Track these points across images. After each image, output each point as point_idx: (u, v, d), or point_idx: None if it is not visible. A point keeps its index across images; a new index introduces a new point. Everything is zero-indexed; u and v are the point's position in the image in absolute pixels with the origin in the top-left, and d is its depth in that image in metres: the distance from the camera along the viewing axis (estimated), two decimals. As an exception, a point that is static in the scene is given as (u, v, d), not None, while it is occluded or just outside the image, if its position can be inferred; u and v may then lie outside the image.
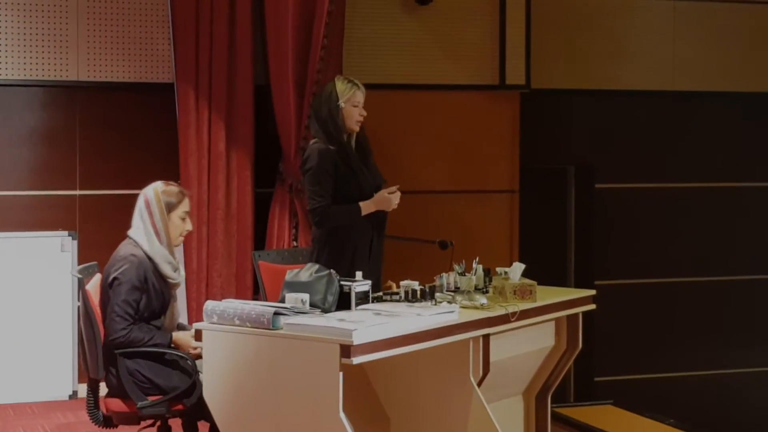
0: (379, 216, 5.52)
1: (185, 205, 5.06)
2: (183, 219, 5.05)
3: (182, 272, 5.08)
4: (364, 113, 5.51)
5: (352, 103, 5.45)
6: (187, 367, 4.82)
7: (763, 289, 8.97)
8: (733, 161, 8.92)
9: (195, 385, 4.74)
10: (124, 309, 4.81)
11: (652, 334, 8.70)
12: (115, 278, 4.82)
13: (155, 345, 4.84)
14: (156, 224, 4.96)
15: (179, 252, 6.89)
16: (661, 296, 8.74)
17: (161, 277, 4.94)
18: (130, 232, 4.98)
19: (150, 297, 4.89)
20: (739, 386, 8.74)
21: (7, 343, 6.93)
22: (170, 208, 5.00)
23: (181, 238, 5.10)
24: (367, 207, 5.41)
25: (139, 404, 4.77)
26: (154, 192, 5.00)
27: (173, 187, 5.06)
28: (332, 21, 7.01)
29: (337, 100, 5.44)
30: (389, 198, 5.46)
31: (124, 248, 4.94)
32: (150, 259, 4.90)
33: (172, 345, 4.93)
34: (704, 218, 8.86)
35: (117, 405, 4.86)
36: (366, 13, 7.60)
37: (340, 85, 5.48)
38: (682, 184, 8.83)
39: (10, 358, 6.93)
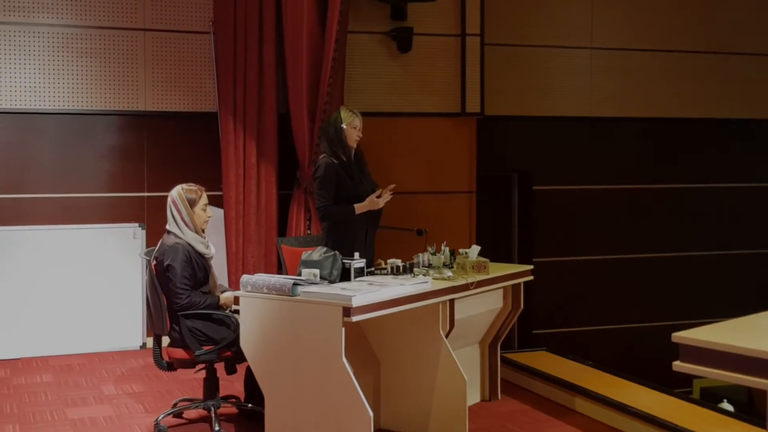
0: (374, 213, 5.51)
1: (204, 199, 4.97)
2: (204, 209, 4.96)
3: (212, 248, 5.01)
4: (361, 134, 5.50)
5: (351, 125, 5.45)
6: (231, 323, 4.82)
7: (658, 264, 8.99)
8: (635, 169, 8.94)
9: (238, 337, 4.74)
10: (182, 282, 4.79)
11: (575, 298, 8.70)
12: (169, 264, 4.79)
13: (209, 306, 4.84)
14: (184, 218, 4.89)
15: (221, 237, 6.95)
16: (581, 269, 8.74)
17: (199, 254, 4.91)
18: (168, 226, 4.93)
19: (194, 269, 4.87)
20: (640, 337, 8.76)
21: (92, 307, 6.92)
22: (192, 203, 4.92)
23: (206, 224, 5.00)
24: (360, 207, 5.39)
25: (197, 352, 4.77)
26: (177, 193, 4.93)
27: (192, 186, 4.98)
28: (336, 65, 6.98)
29: (341, 123, 5.43)
30: (376, 201, 5.44)
31: (167, 239, 4.89)
32: (188, 243, 4.88)
33: (220, 304, 4.92)
34: (613, 211, 8.87)
35: (179, 353, 4.86)
36: (361, 59, 7.58)
37: (343, 113, 5.47)
38: (598, 186, 8.83)
39: (95, 319, 6.91)
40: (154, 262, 4.89)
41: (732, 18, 9.10)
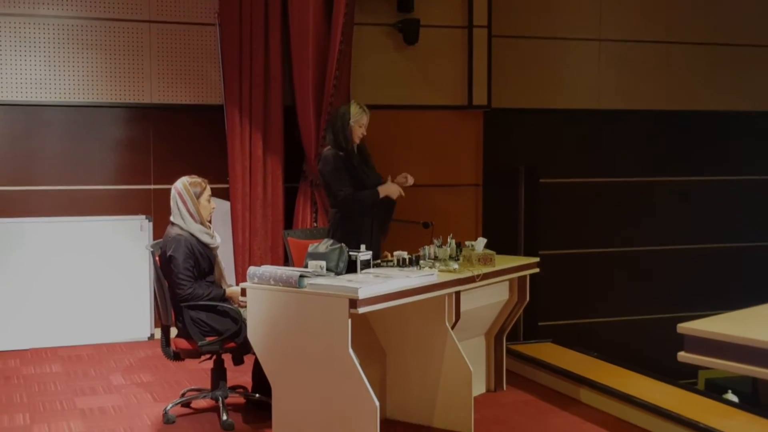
0: (381, 207, 5.56)
1: (208, 191, 5.06)
2: (208, 201, 5.06)
3: (218, 237, 5.09)
4: (365, 132, 5.57)
5: (358, 123, 5.50)
6: (234, 315, 4.89)
7: (663, 257, 9.02)
8: (642, 162, 8.96)
9: (241, 329, 4.82)
10: (185, 273, 4.87)
11: (580, 290, 8.72)
12: (171, 255, 4.87)
13: (213, 298, 4.91)
14: (189, 209, 4.97)
15: (228, 230, 7.02)
16: (587, 261, 8.75)
17: (203, 245, 4.98)
18: (172, 218, 5.00)
19: (198, 260, 4.95)
20: (645, 328, 8.79)
21: (100, 298, 7.00)
22: (197, 195, 5.01)
23: (211, 215, 5.10)
24: (384, 189, 5.49)
25: (200, 343, 4.85)
26: (183, 185, 5.02)
27: (196, 179, 5.06)
28: (342, 58, 7.01)
29: (349, 119, 5.49)
30: (396, 188, 5.52)
31: (171, 231, 4.97)
32: (191, 234, 4.96)
33: (226, 296, 5.00)
34: (619, 204, 8.87)
35: (183, 344, 4.94)
36: (368, 51, 7.61)
37: (354, 108, 5.52)
38: (604, 179, 8.85)
39: (103, 310, 7.00)
40: (159, 254, 4.98)
41: (741, 9, 9.08)
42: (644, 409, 5.01)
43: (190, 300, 4.86)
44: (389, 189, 5.52)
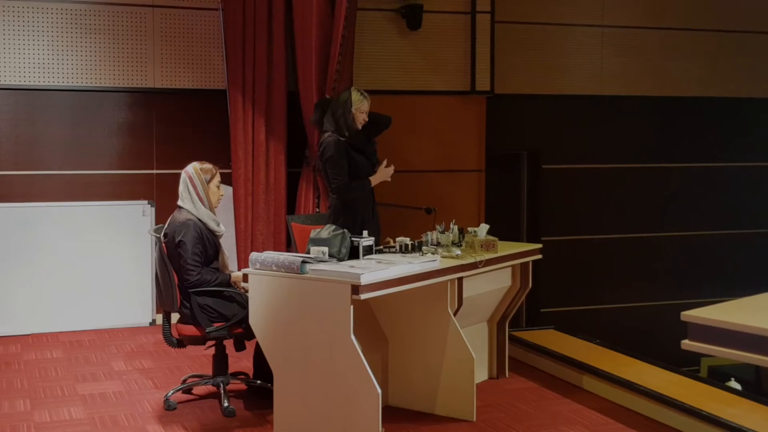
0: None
1: (218, 177, 5.03)
2: (218, 187, 5.03)
3: (223, 226, 5.06)
4: (367, 118, 5.57)
5: (360, 110, 5.51)
6: (242, 300, 4.84)
7: (666, 243, 8.98)
8: (644, 148, 8.90)
9: (249, 314, 4.75)
10: (193, 259, 4.81)
11: (583, 277, 8.69)
12: (180, 240, 4.81)
13: (220, 284, 4.86)
14: (200, 193, 4.93)
15: (230, 215, 6.96)
16: (590, 248, 8.73)
17: (210, 231, 4.93)
18: (180, 203, 4.95)
19: (205, 246, 4.89)
20: (648, 316, 8.76)
21: (102, 284, 6.94)
22: (208, 180, 4.98)
23: (219, 202, 5.07)
24: (374, 179, 5.55)
25: (208, 329, 4.78)
26: (194, 169, 4.97)
27: (207, 165, 5.03)
28: (345, 43, 6.94)
29: (351, 106, 5.46)
30: (387, 170, 5.59)
31: (179, 215, 4.91)
32: (199, 219, 4.90)
33: (231, 282, 4.95)
34: (622, 190, 8.84)
35: (189, 330, 4.87)
36: (371, 37, 7.55)
37: (355, 95, 5.50)
38: (607, 165, 8.81)
39: (105, 295, 6.94)
40: (165, 239, 4.90)
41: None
42: (647, 397, 4.96)
43: (199, 286, 4.81)
44: (380, 176, 5.62)
